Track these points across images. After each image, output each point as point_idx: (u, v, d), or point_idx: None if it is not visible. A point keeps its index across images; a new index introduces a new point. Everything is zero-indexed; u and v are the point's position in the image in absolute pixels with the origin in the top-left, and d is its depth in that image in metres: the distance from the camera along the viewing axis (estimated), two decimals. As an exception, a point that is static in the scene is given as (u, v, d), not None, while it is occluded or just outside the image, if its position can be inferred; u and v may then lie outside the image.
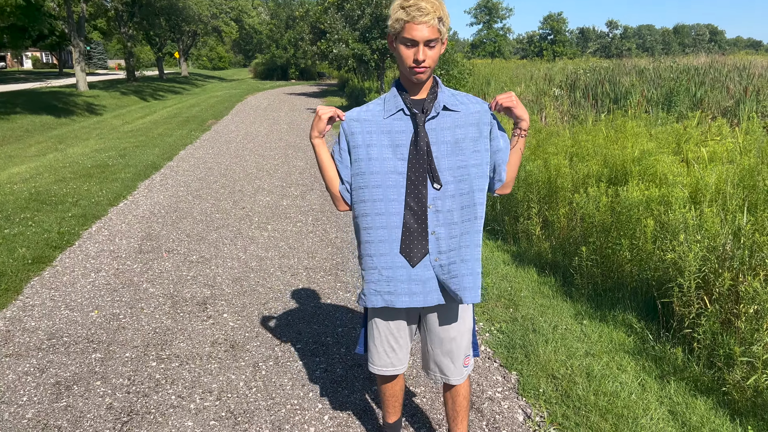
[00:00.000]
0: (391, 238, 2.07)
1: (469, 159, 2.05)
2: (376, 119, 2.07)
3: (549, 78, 18.51)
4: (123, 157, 10.42)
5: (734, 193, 3.96)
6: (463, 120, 2.05)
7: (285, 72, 49.49)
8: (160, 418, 2.87)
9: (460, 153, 2.04)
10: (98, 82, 31.55)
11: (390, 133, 2.05)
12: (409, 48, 1.93)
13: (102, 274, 4.84)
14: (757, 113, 9.07)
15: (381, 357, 2.28)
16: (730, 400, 2.88)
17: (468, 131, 2.05)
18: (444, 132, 2.03)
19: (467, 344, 2.26)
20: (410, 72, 1.97)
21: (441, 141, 2.03)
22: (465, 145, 2.04)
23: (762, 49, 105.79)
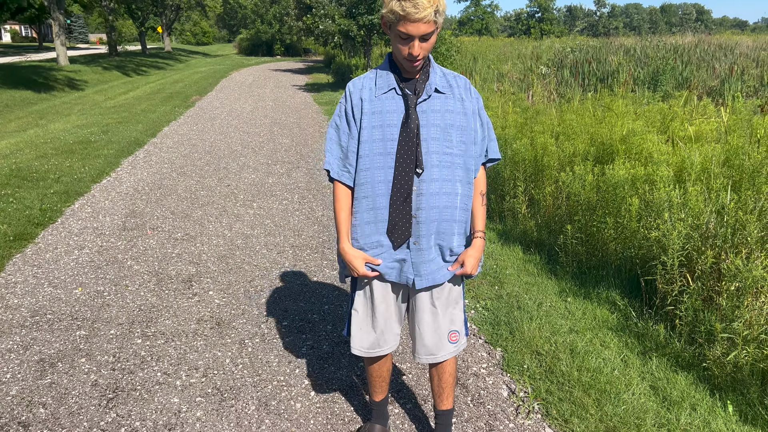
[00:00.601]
0: (377, 219, 2.07)
1: (454, 147, 2.04)
2: (369, 98, 2.04)
3: (536, 56, 18.45)
4: (105, 133, 10.26)
5: (719, 172, 3.99)
6: (452, 105, 2.04)
7: (270, 48, 48.86)
8: (146, 395, 2.87)
9: (448, 139, 2.03)
10: (79, 56, 30.91)
11: (381, 113, 2.02)
12: (404, 41, 1.89)
13: (85, 251, 4.79)
14: (741, 93, 9.13)
15: (362, 339, 2.27)
16: (710, 375, 2.94)
17: (456, 119, 2.04)
18: (434, 115, 2.01)
19: (453, 321, 2.25)
20: (405, 62, 1.94)
21: (431, 124, 2.01)
22: (453, 133, 2.04)
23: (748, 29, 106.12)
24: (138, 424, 2.66)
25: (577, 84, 11.40)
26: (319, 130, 10.89)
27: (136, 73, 26.25)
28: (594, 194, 4.28)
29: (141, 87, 19.58)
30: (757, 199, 3.39)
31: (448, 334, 2.24)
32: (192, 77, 23.33)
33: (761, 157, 3.98)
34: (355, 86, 2.09)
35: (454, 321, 2.25)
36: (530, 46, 24.08)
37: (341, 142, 2.11)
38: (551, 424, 2.69)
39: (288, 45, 47.71)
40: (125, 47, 41.50)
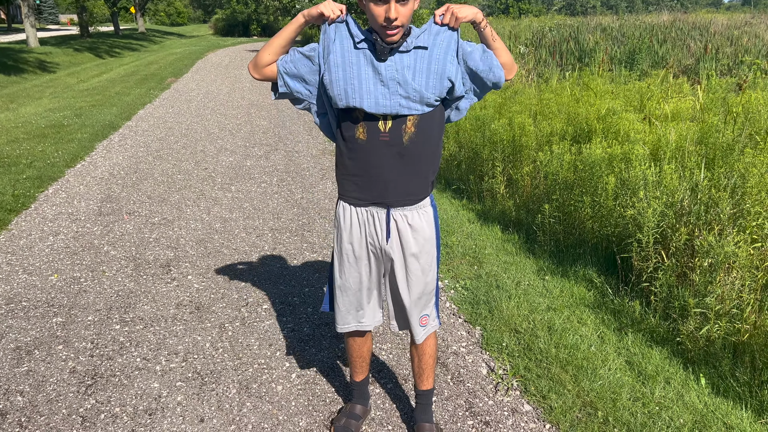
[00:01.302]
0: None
1: (431, 98, 1.94)
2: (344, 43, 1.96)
3: (515, 36, 18.41)
4: (79, 116, 10.06)
5: (693, 150, 4.04)
6: (431, 56, 1.92)
7: (246, 28, 48.13)
8: (126, 381, 2.85)
9: (423, 90, 1.92)
10: (50, 38, 30.14)
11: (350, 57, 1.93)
12: (380, 5, 1.80)
13: (60, 237, 4.71)
14: (716, 71, 9.23)
15: (344, 316, 2.28)
16: (683, 349, 3.00)
17: (430, 80, 1.93)
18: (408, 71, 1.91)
19: (426, 304, 2.26)
20: (381, 32, 1.85)
21: (404, 80, 1.91)
22: (430, 84, 1.93)
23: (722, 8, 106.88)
24: (118, 409, 2.65)
25: (555, 63, 11.42)
26: (297, 111, 10.79)
27: (109, 55, 25.70)
28: (571, 173, 4.32)
29: (114, 69, 19.19)
30: (729, 177, 3.44)
31: (419, 319, 2.25)
32: (167, 59, 22.91)
33: (734, 135, 4.04)
34: (332, 29, 1.99)
35: (426, 306, 2.26)
36: (509, 26, 24.02)
37: (298, 53, 2.05)
38: (530, 400, 2.73)
39: (265, 25, 47.03)
40: (97, 28, 40.52)
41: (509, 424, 2.58)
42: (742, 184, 3.31)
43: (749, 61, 9.49)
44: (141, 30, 42.38)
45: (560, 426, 2.54)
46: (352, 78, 1.93)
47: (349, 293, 2.24)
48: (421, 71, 1.92)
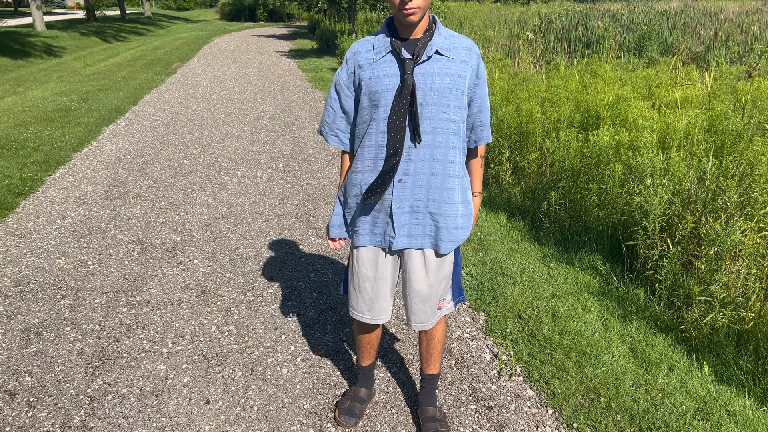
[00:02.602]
0: (364, 182, 2.06)
1: (451, 113, 1.96)
2: (366, 62, 1.97)
3: (523, 22, 18.27)
4: (86, 101, 10.07)
5: (702, 138, 4.02)
6: (453, 69, 1.93)
7: (253, 13, 47.87)
8: (132, 362, 2.88)
9: (446, 105, 1.94)
10: (56, 21, 30.09)
11: (377, 78, 1.94)
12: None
13: (68, 220, 4.74)
14: (726, 59, 9.14)
15: (359, 303, 2.26)
16: (687, 337, 3.01)
17: (456, 83, 1.94)
18: (434, 78, 1.91)
19: (444, 289, 2.24)
20: (399, 13, 1.83)
21: (428, 87, 1.91)
22: (451, 98, 1.94)
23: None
24: (125, 390, 2.68)
25: (563, 50, 11.33)
26: (303, 97, 10.77)
27: (115, 39, 25.65)
28: (578, 161, 4.30)
29: (121, 53, 19.16)
30: (738, 164, 3.42)
31: (437, 302, 2.24)
32: (173, 43, 22.85)
33: (743, 123, 4.01)
34: (351, 51, 2.03)
35: (444, 290, 2.25)
36: (517, 12, 23.82)
37: (332, 106, 2.11)
38: (533, 386, 2.75)
39: (271, 10, 46.76)
40: (103, 12, 40.46)
41: (512, 409, 2.60)
42: (750, 172, 3.29)
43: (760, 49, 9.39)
44: (147, 14, 42.25)
45: (563, 411, 2.56)
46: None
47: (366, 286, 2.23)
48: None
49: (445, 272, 2.20)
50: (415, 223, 2.07)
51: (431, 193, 2.02)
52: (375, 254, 2.17)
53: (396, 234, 2.06)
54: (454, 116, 1.96)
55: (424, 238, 2.09)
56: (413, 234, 2.08)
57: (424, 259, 2.14)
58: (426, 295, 2.19)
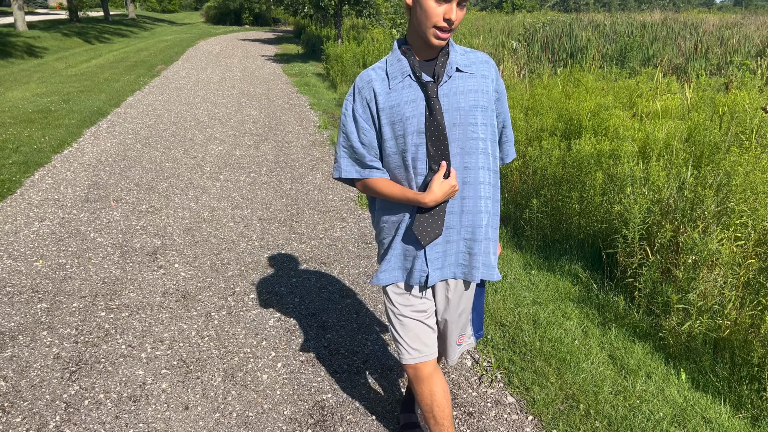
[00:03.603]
0: (402, 220, 1.90)
1: (479, 131, 1.82)
2: (382, 90, 1.81)
3: (508, 31, 18.43)
4: (67, 102, 9.96)
5: (681, 148, 4.08)
6: (476, 84, 1.81)
7: (238, 17, 47.74)
8: (110, 367, 2.85)
9: (473, 122, 1.80)
10: (38, 22, 29.73)
11: (398, 105, 1.78)
12: (440, 3, 1.64)
13: (46, 223, 4.68)
14: (705, 71, 9.29)
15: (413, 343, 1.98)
16: (665, 344, 3.04)
17: (481, 99, 1.81)
18: (458, 97, 1.78)
19: (464, 324, 2.09)
20: (432, 34, 1.68)
21: (454, 108, 1.78)
22: (478, 115, 1.81)
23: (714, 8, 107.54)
24: (102, 396, 2.64)
25: (547, 59, 11.44)
26: (287, 101, 10.75)
27: (98, 41, 25.41)
28: (560, 169, 4.34)
29: (104, 55, 18.98)
30: (715, 175, 3.48)
31: (456, 337, 2.10)
32: (157, 46, 22.70)
33: (721, 134, 4.08)
34: (363, 79, 1.84)
35: (464, 325, 2.10)
36: (502, 21, 24.04)
37: (352, 143, 1.86)
38: (513, 392, 2.76)
39: (257, 14, 46.67)
40: (87, 13, 40.03)
41: (492, 416, 2.60)
42: (727, 182, 3.34)
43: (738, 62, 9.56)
44: (131, 16, 41.94)
45: (542, 418, 2.57)
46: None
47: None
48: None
49: (465, 305, 2.04)
50: (448, 253, 1.91)
51: (464, 218, 1.87)
52: (407, 289, 1.99)
53: (429, 268, 1.90)
54: (482, 134, 1.83)
55: (457, 267, 1.94)
56: (445, 264, 1.93)
57: (446, 290, 1.98)
58: (446, 329, 2.06)
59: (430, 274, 1.90)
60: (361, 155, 1.87)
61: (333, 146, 7.50)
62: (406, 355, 1.97)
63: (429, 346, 1.97)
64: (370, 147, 1.86)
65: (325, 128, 8.55)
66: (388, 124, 1.80)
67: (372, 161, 1.86)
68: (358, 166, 1.89)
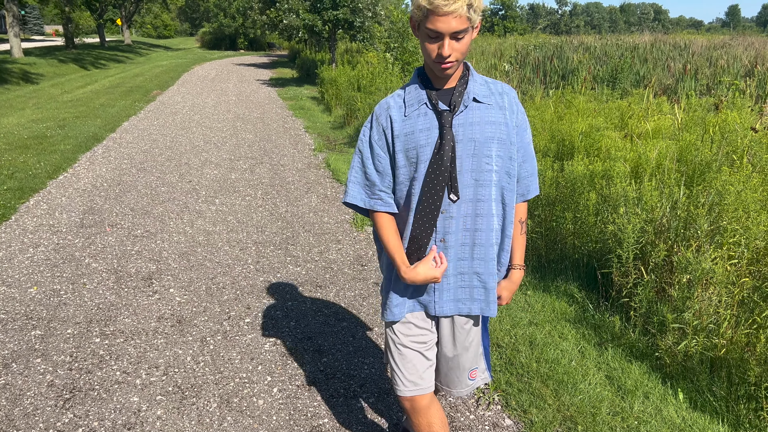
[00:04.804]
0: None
1: (493, 163, 1.79)
2: (399, 117, 1.81)
3: (500, 53, 18.65)
4: (62, 128, 9.99)
5: (673, 168, 4.12)
6: (493, 116, 1.78)
7: (233, 42, 48.23)
8: (105, 394, 2.82)
9: (487, 154, 1.77)
10: (34, 48, 29.95)
11: (412, 133, 1.78)
12: (433, 40, 1.65)
13: (41, 249, 4.67)
14: (695, 91, 9.41)
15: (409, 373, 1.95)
16: (662, 364, 3.04)
17: (498, 131, 1.78)
18: (473, 128, 1.76)
19: (474, 357, 2.03)
20: (434, 66, 1.70)
21: (468, 138, 1.76)
22: (492, 146, 1.77)
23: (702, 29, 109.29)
24: (96, 424, 2.61)
25: (539, 81, 11.58)
26: (283, 125, 10.81)
27: (94, 67, 25.59)
28: (553, 190, 4.37)
29: (99, 81, 19.10)
30: (707, 194, 3.51)
31: (468, 372, 2.04)
32: (153, 71, 22.87)
33: (712, 153, 4.12)
34: (381, 107, 1.85)
35: (475, 358, 2.03)
36: (494, 44, 24.33)
37: (366, 169, 1.86)
38: (510, 414, 2.74)
39: (252, 39, 47.15)
40: (83, 40, 40.31)
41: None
42: (720, 201, 3.37)
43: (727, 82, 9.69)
44: (127, 42, 42.29)
45: (541, 440, 2.55)
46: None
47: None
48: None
49: (474, 337, 1.99)
50: (462, 286, 1.88)
51: (476, 251, 1.84)
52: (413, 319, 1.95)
53: (439, 298, 1.88)
54: (495, 166, 1.79)
55: (473, 302, 1.90)
56: (460, 298, 1.89)
57: (452, 324, 1.95)
58: (454, 362, 2.01)
59: (440, 306, 1.88)
60: (372, 182, 1.86)
61: (328, 169, 7.53)
62: (402, 388, 1.93)
63: (425, 380, 1.94)
64: (384, 174, 1.85)
65: (320, 151, 8.59)
66: (402, 151, 1.80)
67: (381, 190, 1.86)
68: (366, 194, 1.88)
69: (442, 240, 1.81)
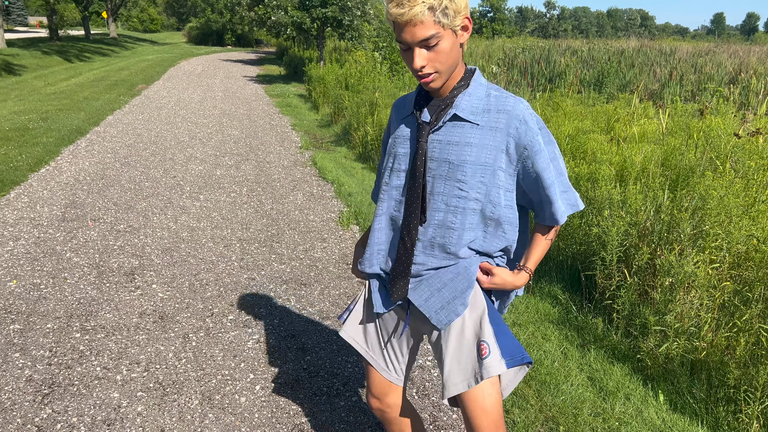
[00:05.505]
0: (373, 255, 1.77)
1: (471, 191, 1.58)
2: (397, 118, 1.74)
3: (488, 55, 18.73)
4: (45, 120, 9.86)
5: (658, 172, 4.16)
6: (477, 138, 1.56)
7: (221, 37, 47.91)
8: (84, 390, 2.79)
9: (461, 180, 1.58)
10: (18, 39, 29.52)
11: (396, 139, 1.70)
12: (406, 54, 1.50)
13: (21, 242, 4.60)
14: (680, 97, 9.52)
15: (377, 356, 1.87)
16: (643, 366, 3.06)
17: (480, 155, 1.56)
18: (449, 148, 1.58)
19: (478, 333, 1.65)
20: (419, 79, 1.53)
21: (443, 159, 1.59)
22: (468, 172, 1.57)
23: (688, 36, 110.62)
24: (75, 419, 2.58)
25: (527, 84, 11.64)
26: (269, 122, 10.76)
27: (78, 59, 25.27)
28: (539, 191, 4.39)
29: (84, 73, 18.88)
30: (691, 198, 3.54)
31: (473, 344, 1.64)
32: (138, 65, 22.65)
33: (696, 158, 4.17)
34: (394, 106, 1.79)
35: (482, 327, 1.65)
36: (482, 45, 24.42)
37: (380, 168, 1.82)
38: (493, 414, 2.75)
39: (239, 35, 46.87)
40: (67, 32, 39.82)
41: None
42: (703, 205, 3.41)
43: (712, 88, 9.81)
44: (113, 35, 41.83)
45: (523, 440, 2.56)
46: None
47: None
48: None
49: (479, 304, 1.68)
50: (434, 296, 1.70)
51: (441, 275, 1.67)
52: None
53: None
54: (474, 194, 1.59)
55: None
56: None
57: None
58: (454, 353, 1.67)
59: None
60: (378, 175, 1.88)
61: (314, 167, 7.51)
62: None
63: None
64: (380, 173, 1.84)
65: (306, 149, 8.56)
66: (389, 153, 1.72)
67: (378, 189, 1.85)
68: (376, 186, 1.91)
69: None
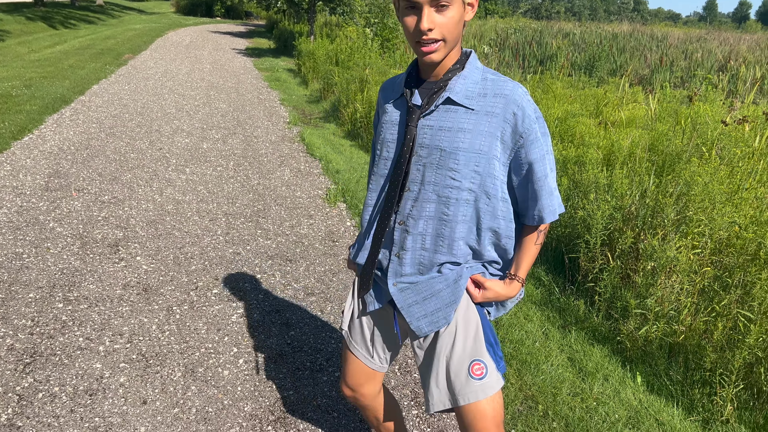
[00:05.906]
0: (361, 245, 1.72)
1: (464, 180, 1.49)
2: (385, 102, 1.64)
3: (480, 35, 18.61)
4: (28, 87, 9.68)
5: (645, 157, 4.18)
6: (471, 123, 1.46)
7: (210, 9, 47.09)
8: (66, 360, 2.78)
9: (454, 169, 1.48)
10: (1, 4, 28.84)
11: (384, 124, 1.61)
12: (410, 14, 1.37)
13: (3, 210, 4.54)
14: (669, 82, 9.55)
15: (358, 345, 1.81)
16: (623, 348, 3.11)
17: (475, 142, 1.46)
18: (441, 134, 1.48)
19: (472, 351, 1.58)
20: (416, 49, 1.41)
21: (435, 146, 1.49)
22: (462, 160, 1.47)
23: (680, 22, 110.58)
24: (57, 389, 2.58)
25: (518, 65, 11.60)
26: (257, 96, 10.65)
27: (63, 26, 24.74)
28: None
29: (69, 41, 18.49)
30: (676, 184, 3.57)
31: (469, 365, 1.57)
32: (125, 34, 22.23)
33: (683, 144, 4.20)
34: (381, 88, 1.68)
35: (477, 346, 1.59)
36: (474, 25, 24.24)
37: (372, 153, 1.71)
38: (474, 392, 2.78)
39: (229, 7, 46.11)
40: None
41: (452, 415, 2.63)
42: (687, 191, 3.44)
43: (701, 75, 9.85)
44: (99, 2, 40.96)
45: (502, 418, 2.60)
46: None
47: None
48: None
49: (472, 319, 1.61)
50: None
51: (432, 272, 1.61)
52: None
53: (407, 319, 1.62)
54: (468, 184, 1.49)
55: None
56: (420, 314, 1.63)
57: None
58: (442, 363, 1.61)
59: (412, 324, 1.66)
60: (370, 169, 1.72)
61: (302, 143, 7.46)
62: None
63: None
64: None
65: (294, 124, 8.50)
66: (376, 140, 1.64)
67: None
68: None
69: (397, 255, 1.59)
